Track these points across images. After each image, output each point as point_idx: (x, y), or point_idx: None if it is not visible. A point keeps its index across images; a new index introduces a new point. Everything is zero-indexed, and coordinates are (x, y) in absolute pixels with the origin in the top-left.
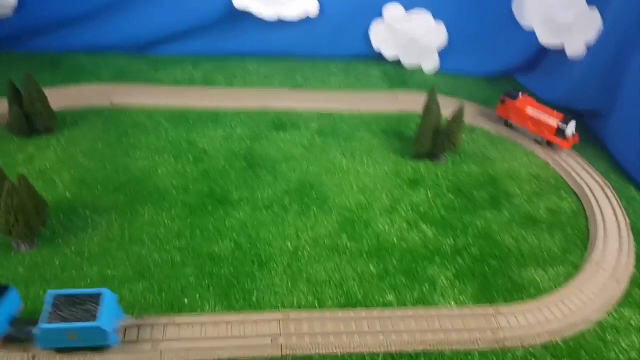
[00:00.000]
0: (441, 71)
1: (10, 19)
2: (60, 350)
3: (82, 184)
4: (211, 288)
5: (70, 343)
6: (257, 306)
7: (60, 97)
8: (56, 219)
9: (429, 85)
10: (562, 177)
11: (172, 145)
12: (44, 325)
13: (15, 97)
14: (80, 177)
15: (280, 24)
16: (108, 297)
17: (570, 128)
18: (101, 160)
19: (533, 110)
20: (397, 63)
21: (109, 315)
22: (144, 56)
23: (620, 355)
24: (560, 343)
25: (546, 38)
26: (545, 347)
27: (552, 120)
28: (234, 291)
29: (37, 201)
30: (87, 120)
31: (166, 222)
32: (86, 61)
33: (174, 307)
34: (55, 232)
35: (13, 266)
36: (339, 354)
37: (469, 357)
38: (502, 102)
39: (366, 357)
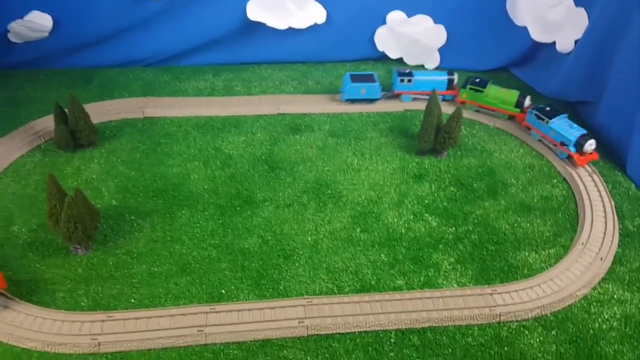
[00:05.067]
0: (442, 68)
1: (46, 40)
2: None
3: (126, 191)
4: (244, 280)
5: (361, 96)
6: (285, 294)
7: (98, 112)
8: (106, 224)
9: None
10: (554, 166)
11: (201, 153)
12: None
13: (61, 116)
14: (123, 185)
15: (291, 32)
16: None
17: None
18: (140, 169)
19: None
20: (401, 62)
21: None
22: (169, 68)
23: (603, 325)
24: (550, 316)
25: (538, 35)
26: (536, 320)
27: None
28: (264, 282)
29: (90, 210)
30: (123, 132)
31: (201, 222)
32: (116, 76)
33: (214, 297)
34: (107, 236)
35: (73, 268)
36: (356, 333)
37: (470, 331)
38: None
39: (380, 334)
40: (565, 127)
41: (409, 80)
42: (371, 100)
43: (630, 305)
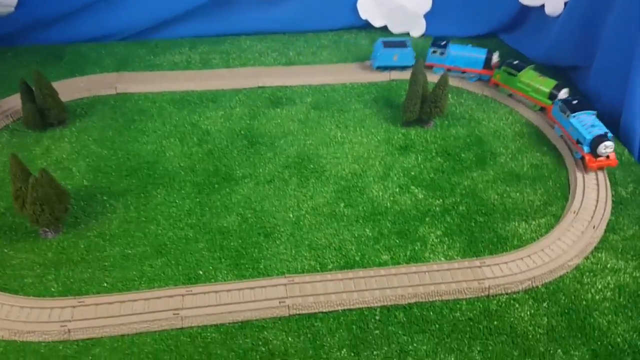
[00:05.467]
0: (428, 35)
1: (13, 15)
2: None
3: (98, 171)
4: (223, 260)
5: (393, 63)
6: (265, 273)
7: (68, 89)
8: (77, 205)
9: (418, 50)
10: (544, 133)
11: (177, 129)
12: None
13: (28, 93)
14: (95, 165)
15: (271, 1)
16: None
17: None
18: (112, 147)
19: None
20: (386, 30)
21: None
22: (143, 42)
23: (596, 296)
24: (541, 288)
25: None
26: (527, 292)
27: None
28: (244, 261)
29: (58, 191)
30: (95, 110)
31: (177, 201)
32: (88, 51)
33: (191, 279)
34: (78, 218)
35: (43, 252)
36: (340, 311)
37: (457, 305)
38: None
39: (364, 311)
40: (585, 124)
41: (442, 53)
42: (403, 68)
43: (624, 274)
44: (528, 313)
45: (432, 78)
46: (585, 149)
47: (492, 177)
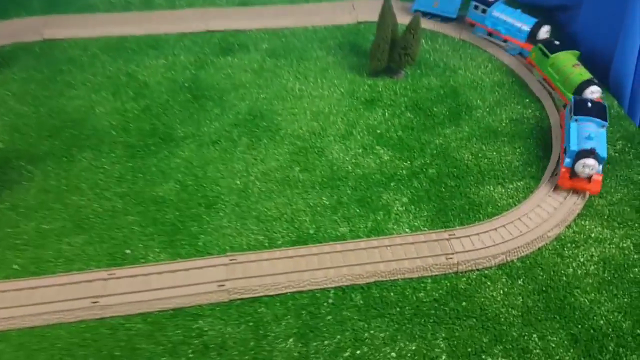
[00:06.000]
0: None
1: None
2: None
3: (15, 131)
4: (155, 236)
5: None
6: (204, 251)
7: None
8: None
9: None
10: (527, 84)
11: (110, 80)
12: None
13: None
14: (13, 124)
15: None
16: None
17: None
18: (34, 103)
19: None
20: None
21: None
22: None
23: (578, 270)
24: (516, 262)
25: None
26: (500, 268)
27: None
28: (180, 237)
29: None
30: (18, 59)
31: (106, 167)
32: None
33: (116, 259)
34: None
35: None
36: (288, 294)
37: (422, 284)
38: None
39: (316, 294)
40: (582, 133)
41: (483, 11)
42: (444, 19)
43: (610, 245)
44: (501, 292)
45: (405, 21)
46: (567, 161)
47: (467, 135)
